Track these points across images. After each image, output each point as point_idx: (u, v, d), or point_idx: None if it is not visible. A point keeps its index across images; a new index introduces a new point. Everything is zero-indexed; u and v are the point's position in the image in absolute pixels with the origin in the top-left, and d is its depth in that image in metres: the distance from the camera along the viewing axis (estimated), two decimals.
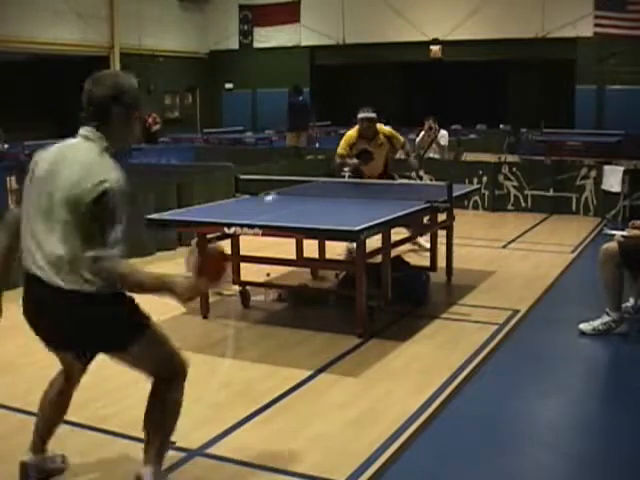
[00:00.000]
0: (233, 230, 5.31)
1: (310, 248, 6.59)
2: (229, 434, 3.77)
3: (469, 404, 4.18)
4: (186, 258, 3.32)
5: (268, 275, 6.66)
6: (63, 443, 3.41)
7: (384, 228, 5.47)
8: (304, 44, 22.67)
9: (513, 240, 8.79)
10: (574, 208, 10.45)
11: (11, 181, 9.62)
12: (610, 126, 17.59)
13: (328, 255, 6.96)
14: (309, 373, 4.59)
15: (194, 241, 3.15)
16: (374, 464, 3.44)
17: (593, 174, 10.32)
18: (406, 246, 7.28)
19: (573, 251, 8.11)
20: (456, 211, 6.82)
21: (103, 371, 4.32)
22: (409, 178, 9.08)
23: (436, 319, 5.71)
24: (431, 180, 9.85)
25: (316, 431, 3.81)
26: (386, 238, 5.67)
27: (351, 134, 7.59)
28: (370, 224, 5.16)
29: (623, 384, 4.63)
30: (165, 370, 3.01)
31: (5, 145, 14.25)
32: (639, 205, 9.80)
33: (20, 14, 17.45)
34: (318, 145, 15.55)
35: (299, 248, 6.57)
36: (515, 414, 4.12)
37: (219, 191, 8.13)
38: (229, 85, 24.03)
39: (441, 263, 6.84)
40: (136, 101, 2.94)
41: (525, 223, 9.84)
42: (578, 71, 19.39)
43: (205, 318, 5.75)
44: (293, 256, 6.46)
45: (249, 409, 4.05)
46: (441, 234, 6.90)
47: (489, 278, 6.94)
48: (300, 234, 5.63)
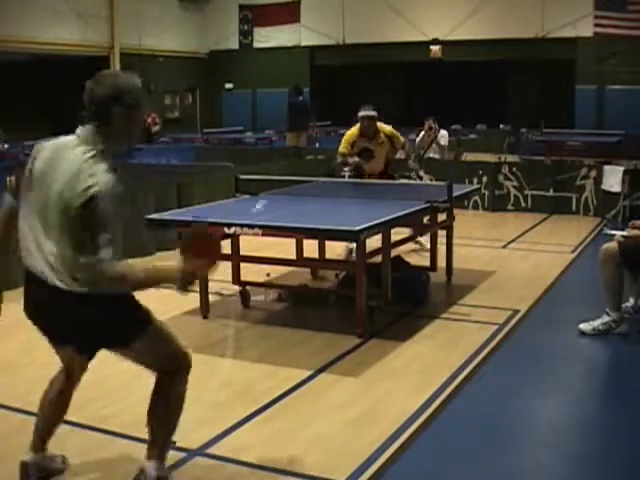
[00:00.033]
0: (233, 230, 5.31)
1: (310, 248, 6.59)
2: (229, 434, 3.77)
3: (469, 404, 4.18)
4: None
5: (268, 275, 6.66)
6: (63, 443, 3.41)
7: (384, 228, 5.47)
8: (304, 44, 22.67)
9: (513, 240, 8.79)
10: (574, 208, 10.45)
11: (11, 181, 9.60)
12: (610, 126, 17.59)
13: (328, 255, 6.96)
14: (309, 373, 4.59)
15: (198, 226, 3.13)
16: (374, 464, 3.44)
17: (593, 174, 10.32)
18: (408, 245, 7.27)
19: (573, 251, 8.11)
20: (456, 211, 6.82)
21: (103, 371, 4.33)
22: (409, 178, 9.08)
23: (436, 319, 5.71)
24: (431, 180, 9.84)
25: (316, 431, 3.81)
26: (386, 238, 5.67)
27: (352, 132, 7.60)
28: (370, 224, 5.17)
29: (623, 384, 4.63)
30: (169, 364, 3.02)
31: (5, 145, 14.25)
32: (639, 205, 9.80)
33: (20, 14, 17.45)
34: (318, 145, 15.54)
35: (299, 248, 6.57)
36: (515, 414, 4.12)
37: (219, 191, 8.14)
38: (229, 85, 24.03)
39: (441, 263, 6.85)
40: (137, 102, 2.90)
41: (525, 223, 9.83)
42: (578, 71, 19.39)
43: (205, 318, 5.75)
44: (293, 256, 6.46)
45: (249, 409, 4.05)
46: (441, 234, 6.91)
47: (489, 278, 6.94)
48: (300, 234, 5.63)
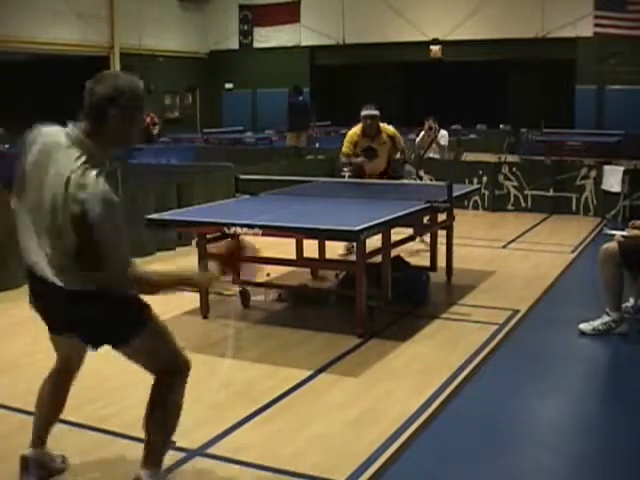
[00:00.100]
0: (233, 230, 5.32)
1: (310, 248, 6.60)
2: (229, 434, 3.77)
3: (469, 404, 4.18)
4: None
5: (268, 275, 6.66)
6: (63, 443, 3.41)
7: (384, 228, 5.47)
8: (304, 44, 22.65)
9: (513, 240, 8.79)
10: (574, 208, 10.45)
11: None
12: (610, 126, 17.58)
13: (328, 255, 6.96)
14: (309, 373, 4.59)
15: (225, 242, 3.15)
16: (374, 464, 3.44)
17: (593, 174, 10.33)
18: (414, 245, 7.23)
19: (573, 251, 8.11)
20: (456, 211, 6.83)
21: (103, 371, 4.33)
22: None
23: (436, 319, 5.71)
24: (431, 180, 9.84)
25: (316, 431, 3.81)
26: (386, 238, 5.67)
27: (354, 132, 7.60)
28: (370, 224, 5.17)
29: (623, 384, 4.63)
30: (168, 365, 2.99)
31: (5, 145, 14.25)
32: (639, 205, 9.80)
33: (20, 14, 17.45)
34: (318, 145, 15.54)
35: (299, 248, 6.57)
36: (515, 414, 4.12)
37: (219, 191, 8.14)
38: (229, 85, 24.02)
39: (441, 263, 6.85)
40: (135, 104, 2.82)
41: (525, 223, 9.84)
42: (578, 71, 19.38)
43: (205, 318, 5.75)
44: (293, 256, 6.46)
45: (249, 409, 4.05)
46: (441, 234, 6.91)
47: (489, 278, 6.94)
48: (300, 234, 5.63)
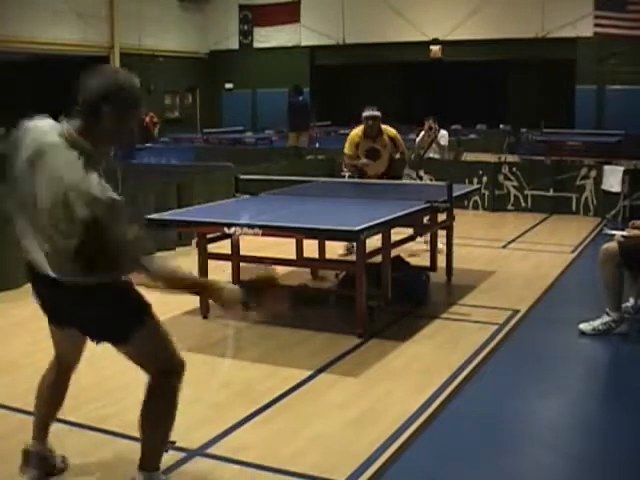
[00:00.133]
0: (233, 230, 5.32)
1: (310, 248, 6.59)
2: (229, 434, 3.77)
3: (469, 404, 4.18)
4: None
5: None
6: (63, 443, 3.41)
7: (384, 228, 5.47)
8: (304, 44, 22.64)
9: (513, 240, 8.79)
10: (574, 208, 10.45)
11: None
12: (610, 126, 17.57)
13: (328, 255, 6.96)
14: (309, 373, 4.59)
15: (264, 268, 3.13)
16: (374, 464, 3.44)
17: (593, 174, 10.33)
18: (414, 245, 7.19)
19: (573, 251, 8.11)
20: (456, 211, 6.83)
21: (103, 371, 4.34)
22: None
23: (436, 319, 5.71)
24: (431, 180, 9.85)
25: (316, 431, 3.81)
26: (386, 238, 5.67)
27: (355, 133, 7.59)
28: (370, 224, 5.17)
29: (623, 384, 4.63)
30: (165, 364, 2.98)
31: None
32: (639, 205, 9.80)
33: (20, 14, 17.45)
34: (318, 145, 15.54)
35: (299, 248, 6.57)
36: (515, 414, 4.12)
37: (219, 191, 8.14)
38: (229, 85, 24.01)
39: (441, 263, 6.85)
40: (129, 101, 2.77)
41: (525, 223, 9.84)
42: (578, 71, 19.38)
43: (205, 318, 5.75)
44: (293, 256, 6.46)
45: (249, 409, 4.05)
46: (441, 234, 6.91)
47: (489, 278, 6.94)
48: (300, 234, 5.63)
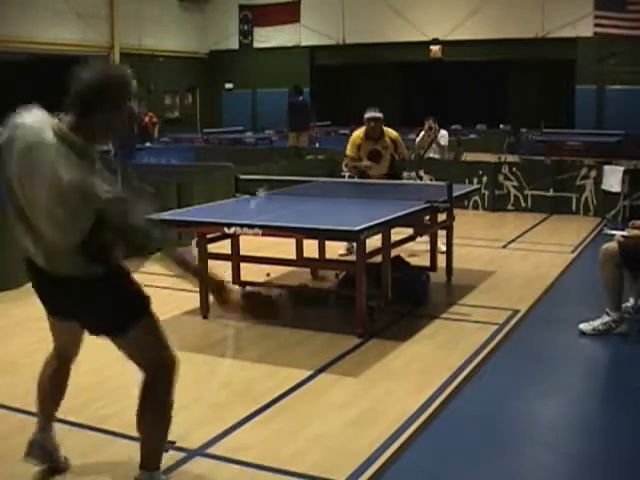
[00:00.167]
0: (233, 230, 5.32)
1: (310, 248, 6.59)
2: (229, 434, 3.77)
3: (469, 404, 4.18)
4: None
5: (268, 275, 6.66)
6: (63, 443, 3.41)
7: (384, 228, 5.47)
8: (304, 44, 22.65)
9: (513, 240, 8.79)
10: (574, 208, 10.45)
11: None
12: (610, 126, 17.58)
13: (328, 255, 6.96)
14: (309, 373, 4.59)
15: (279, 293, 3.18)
16: (374, 464, 3.44)
17: (593, 174, 10.33)
18: (414, 245, 7.18)
19: (573, 251, 8.11)
20: (456, 211, 6.83)
21: (104, 371, 4.34)
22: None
23: (436, 319, 5.71)
24: (431, 180, 9.84)
25: (316, 431, 3.81)
26: (386, 238, 5.67)
27: (357, 135, 7.58)
28: (370, 224, 5.17)
29: (623, 384, 4.63)
30: (158, 360, 2.97)
31: None
32: (639, 205, 9.80)
33: (20, 14, 17.45)
34: (318, 145, 15.55)
35: (299, 248, 6.57)
36: (515, 414, 4.12)
37: (219, 191, 8.13)
38: (229, 85, 24.01)
39: (441, 263, 6.85)
40: (123, 96, 2.76)
41: (525, 223, 9.83)
42: (578, 71, 19.39)
43: (205, 318, 5.75)
44: (293, 256, 6.46)
45: (249, 409, 4.05)
46: (441, 234, 6.90)
47: (489, 278, 6.94)
48: (300, 234, 5.63)
